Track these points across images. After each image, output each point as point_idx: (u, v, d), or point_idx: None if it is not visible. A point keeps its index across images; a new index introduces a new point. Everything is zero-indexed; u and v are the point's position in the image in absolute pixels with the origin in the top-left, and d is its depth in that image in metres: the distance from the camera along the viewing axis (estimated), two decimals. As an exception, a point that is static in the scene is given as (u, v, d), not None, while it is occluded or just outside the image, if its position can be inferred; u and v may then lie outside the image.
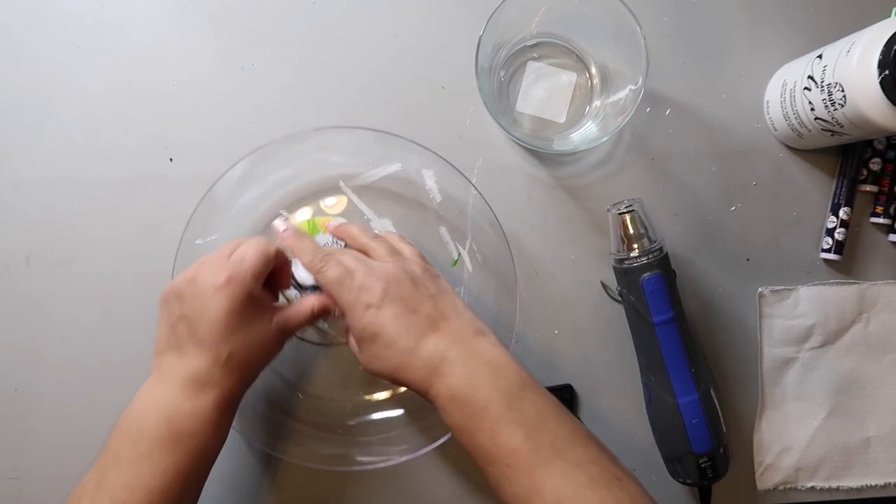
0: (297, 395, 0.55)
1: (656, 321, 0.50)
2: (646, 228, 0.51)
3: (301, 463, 0.53)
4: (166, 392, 0.44)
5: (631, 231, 0.51)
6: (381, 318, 0.43)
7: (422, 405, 0.50)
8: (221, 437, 0.45)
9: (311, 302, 0.48)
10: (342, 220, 0.54)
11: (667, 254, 0.51)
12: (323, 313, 0.49)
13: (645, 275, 0.50)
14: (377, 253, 0.47)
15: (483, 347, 0.44)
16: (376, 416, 0.55)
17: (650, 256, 0.50)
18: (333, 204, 0.55)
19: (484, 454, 0.41)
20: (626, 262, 0.51)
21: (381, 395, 0.55)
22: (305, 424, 0.55)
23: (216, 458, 0.46)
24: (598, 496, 0.39)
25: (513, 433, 0.41)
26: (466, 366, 0.43)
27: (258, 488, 0.56)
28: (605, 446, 0.43)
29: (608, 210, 0.52)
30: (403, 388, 0.54)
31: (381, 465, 0.52)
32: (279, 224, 0.50)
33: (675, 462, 0.52)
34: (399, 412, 0.55)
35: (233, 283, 0.44)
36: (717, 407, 0.52)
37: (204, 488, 0.45)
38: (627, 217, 0.51)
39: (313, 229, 0.54)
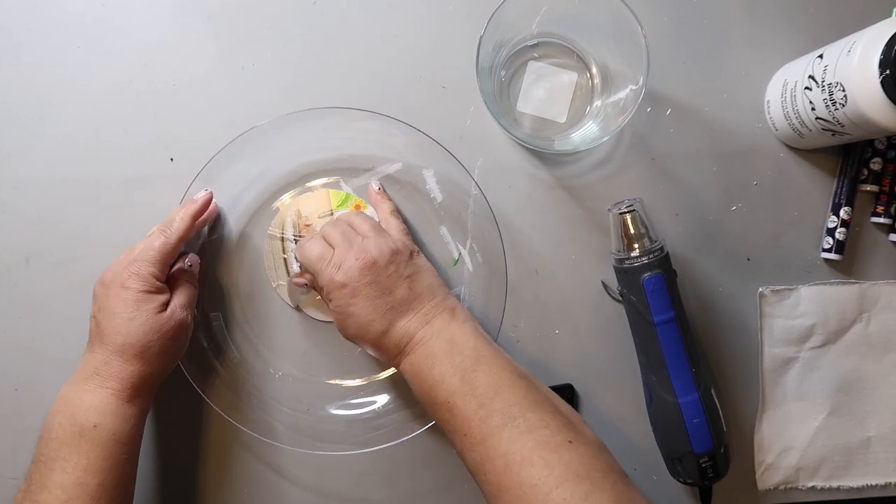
0: (269, 371, 0.56)
1: (657, 321, 0.50)
2: (647, 228, 0.51)
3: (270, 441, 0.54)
4: (73, 390, 0.46)
5: (632, 231, 0.51)
6: (355, 300, 0.47)
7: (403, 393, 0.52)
8: (130, 425, 0.47)
9: (188, 289, 0.51)
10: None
11: (667, 254, 0.51)
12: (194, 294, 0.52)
13: (646, 274, 0.50)
14: (361, 228, 0.50)
15: (447, 325, 0.47)
16: (356, 400, 0.56)
17: (651, 256, 0.50)
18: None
19: (445, 425, 0.45)
20: (627, 261, 0.51)
21: (357, 382, 0.56)
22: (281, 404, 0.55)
23: (134, 445, 0.47)
24: (544, 460, 0.40)
25: (466, 404, 0.44)
26: (428, 345, 0.46)
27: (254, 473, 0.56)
28: (563, 410, 0.45)
29: (609, 210, 0.52)
30: (382, 376, 0.56)
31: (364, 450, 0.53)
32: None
33: (676, 462, 0.52)
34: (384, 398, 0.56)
35: (128, 278, 0.47)
36: (718, 406, 0.52)
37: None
38: (628, 217, 0.51)
39: (343, 203, 0.55)
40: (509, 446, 0.41)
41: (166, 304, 0.49)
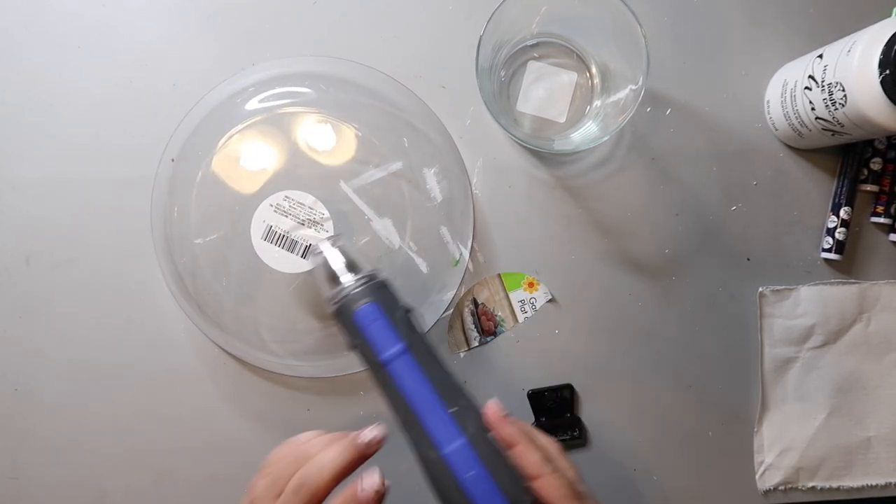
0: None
1: (384, 359, 0.40)
2: (352, 262, 0.44)
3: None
4: None
5: (332, 267, 0.44)
6: None
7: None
8: None
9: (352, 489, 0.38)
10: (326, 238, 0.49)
11: (384, 281, 0.44)
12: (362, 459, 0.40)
13: (356, 307, 0.41)
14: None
15: None
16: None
17: (359, 284, 0.42)
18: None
19: None
20: (335, 302, 0.43)
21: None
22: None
23: None
24: None
25: None
26: None
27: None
28: None
29: (307, 259, 0.48)
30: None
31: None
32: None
33: None
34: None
35: None
36: (501, 448, 0.40)
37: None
38: (324, 256, 0.45)
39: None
40: None
41: None
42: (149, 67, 0.57)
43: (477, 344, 0.56)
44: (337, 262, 0.44)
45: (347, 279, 0.43)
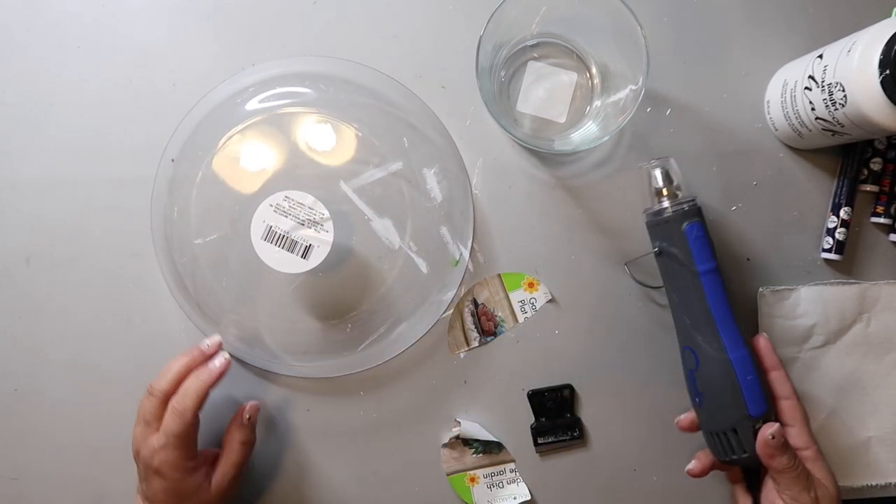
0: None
1: (701, 270, 0.48)
2: (679, 182, 0.51)
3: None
4: None
5: (671, 180, 0.51)
6: None
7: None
8: None
9: (230, 443, 0.52)
10: None
11: (700, 207, 0.51)
12: (248, 431, 0.53)
13: (686, 223, 0.49)
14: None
15: None
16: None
17: (690, 204, 0.50)
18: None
19: None
20: (667, 211, 0.50)
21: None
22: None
23: None
24: None
25: None
26: None
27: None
28: None
29: (640, 167, 0.52)
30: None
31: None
32: None
33: (728, 434, 0.49)
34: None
35: (161, 466, 0.49)
36: (762, 371, 0.50)
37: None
38: (665, 168, 0.51)
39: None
40: None
41: (206, 480, 0.50)
42: (149, 67, 0.57)
43: (477, 344, 0.56)
44: (673, 178, 0.51)
45: (679, 196, 0.50)
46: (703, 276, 0.48)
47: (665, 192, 0.51)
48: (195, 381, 0.50)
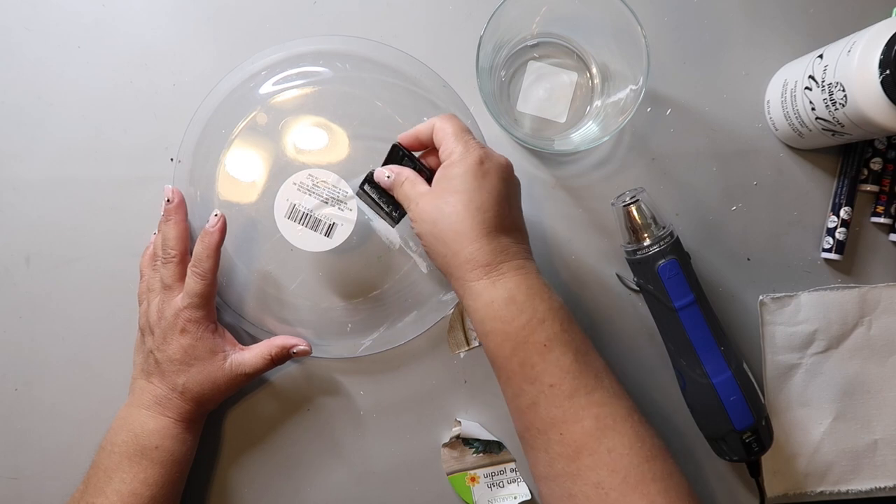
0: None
1: (678, 306, 0.50)
2: (653, 216, 0.51)
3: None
4: (135, 413, 0.50)
5: (639, 221, 0.51)
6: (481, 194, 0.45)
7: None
8: (187, 447, 0.51)
9: (268, 348, 0.52)
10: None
11: (677, 238, 0.51)
12: (281, 359, 0.52)
13: (659, 262, 0.50)
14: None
15: (537, 272, 0.45)
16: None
17: (662, 243, 0.50)
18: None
19: (527, 370, 0.42)
20: (640, 252, 0.51)
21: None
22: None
23: (187, 464, 0.52)
24: (634, 431, 0.41)
25: (564, 353, 0.42)
26: (530, 276, 0.44)
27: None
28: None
29: (612, 204, 0.52)
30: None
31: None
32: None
33: (720, 441, 0.52)
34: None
35: (186, 324, 0.50)
36: (752, 380, 0.51)
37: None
38: (633, 208, 0.51)
39: None
40: (601, 409, 0.41)
41: (224, 350, 0.51)
42: (149, 67, 0.57)
43: (477, 344, 0.56)
44: (644, 216, 0.50)
45: (653, 233, 0.50)
46: (681, 311, 0.50)
47: (638, 230, 0.51)
48: (205, 245, 0.50)
